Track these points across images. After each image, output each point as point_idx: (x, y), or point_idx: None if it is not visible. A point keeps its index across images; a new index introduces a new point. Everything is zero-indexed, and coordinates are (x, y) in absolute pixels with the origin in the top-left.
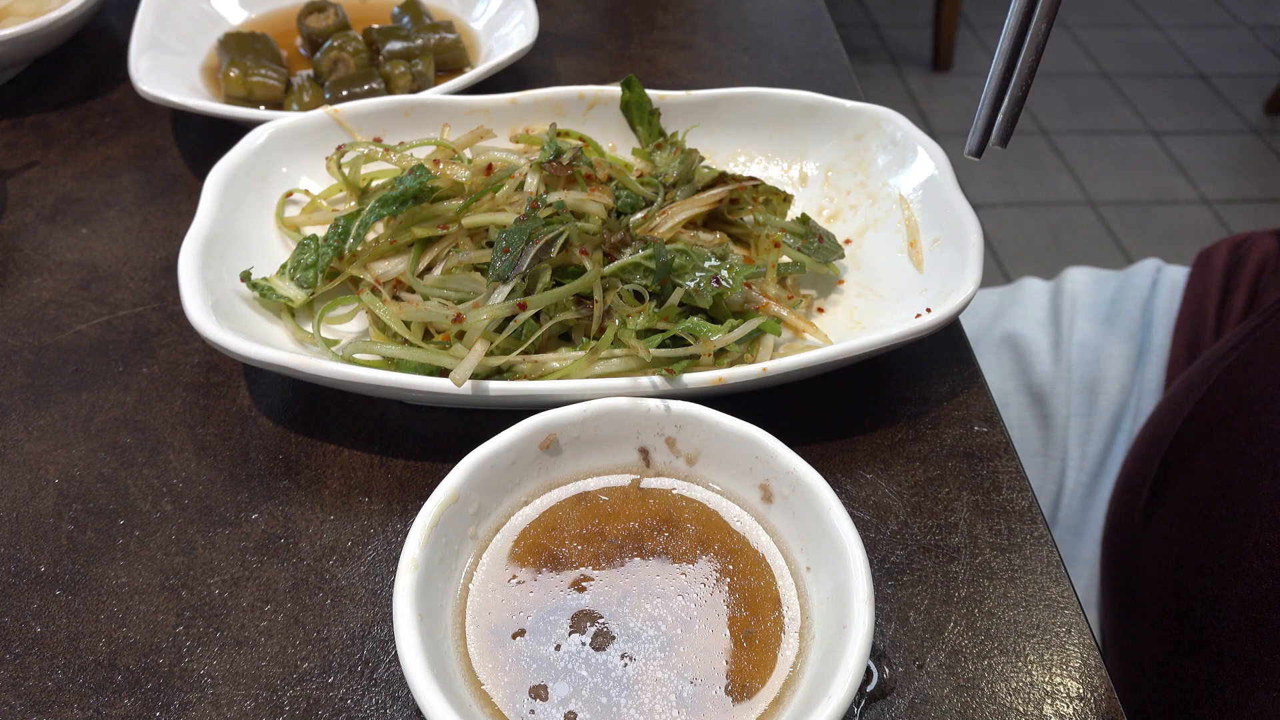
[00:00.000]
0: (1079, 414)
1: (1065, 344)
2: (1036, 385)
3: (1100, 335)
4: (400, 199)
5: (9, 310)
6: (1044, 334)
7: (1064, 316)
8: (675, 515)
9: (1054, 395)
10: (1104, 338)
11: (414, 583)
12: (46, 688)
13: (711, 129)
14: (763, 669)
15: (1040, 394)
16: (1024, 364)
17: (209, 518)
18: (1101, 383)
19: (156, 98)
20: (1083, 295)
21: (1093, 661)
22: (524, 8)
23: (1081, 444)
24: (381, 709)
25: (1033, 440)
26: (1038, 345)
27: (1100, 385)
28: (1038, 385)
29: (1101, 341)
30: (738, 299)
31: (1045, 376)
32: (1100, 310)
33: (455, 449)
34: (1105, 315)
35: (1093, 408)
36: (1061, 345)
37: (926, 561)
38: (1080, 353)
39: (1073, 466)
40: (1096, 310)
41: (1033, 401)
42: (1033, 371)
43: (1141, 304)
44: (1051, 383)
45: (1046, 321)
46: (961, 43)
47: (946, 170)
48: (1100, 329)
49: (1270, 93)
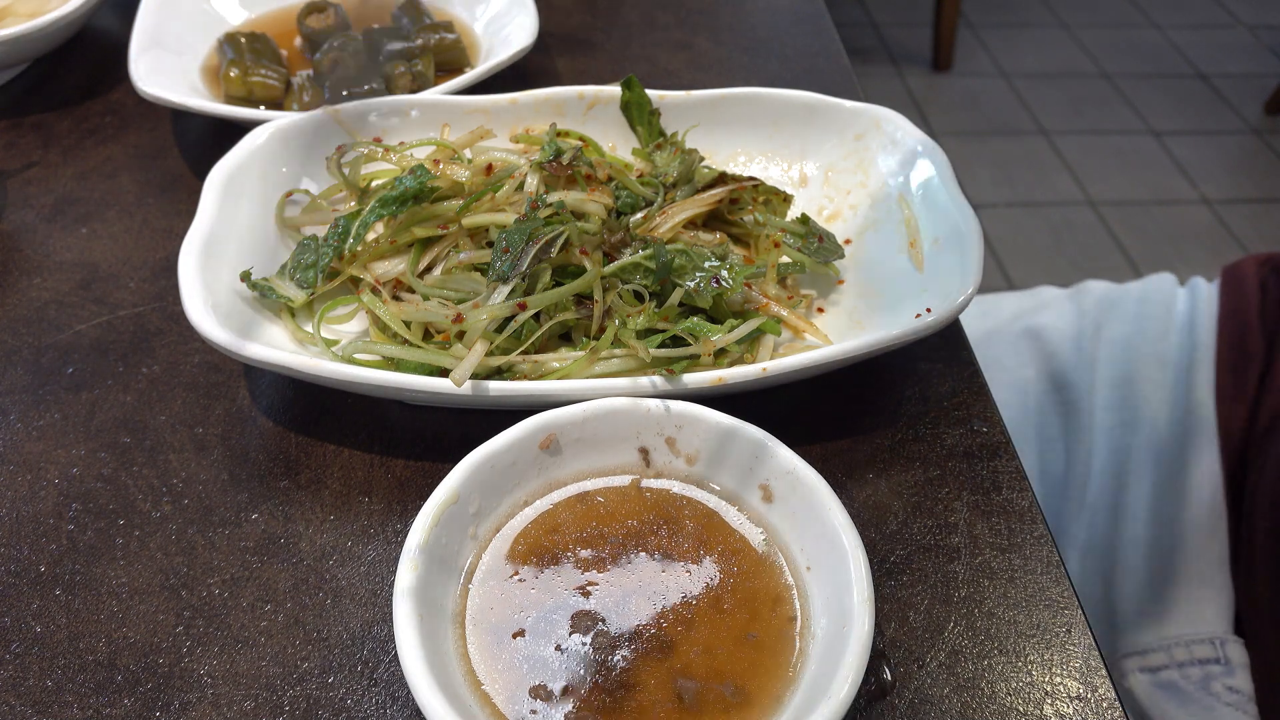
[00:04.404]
0: (1109, 407)
1: (1090, 339)
2: (1059, 373)
3: (1132, 336)
4: (400, 199)
5: (9, 310)
6: (1068, 327)
7: (1088, 316)
8: (675, 515)
9: (1078, 383)
10: (1136, 339)
11: (414, 583)
12: (46, 688)
13: (711, 129)
14: (763, 669)
15: (1062, 381)
16: (1046, 352)
17: (209, 518)
18: (1137, 384)
19: (156, 98)
20: (1104, 301)
21: (1093, 661)
22: (524, 8)
23: (1114, 436)
24: (381, 709)
25: (1051, 426)
26: (1061, 335)
27: (1136, 386)
28: (1060, 373)
29: (1134, 343)
30: (738, 299)
31: (1068, 364)
32: (1128, 311)
33: (455, 449)
34: (1134, 315)
35: (1128, 404)
36: (1084, 338)
37: (926, 561)
38: (1110, 350)
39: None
40: (1123, 312)
41: (1054, 388)
42: (1055, 359)
43: (1167, 313)
44: (1075, 370)
45: (1070, 319)
46: (961, 43)
47: (946, 170)
48: (1131, 329)
49: (1270, 93)
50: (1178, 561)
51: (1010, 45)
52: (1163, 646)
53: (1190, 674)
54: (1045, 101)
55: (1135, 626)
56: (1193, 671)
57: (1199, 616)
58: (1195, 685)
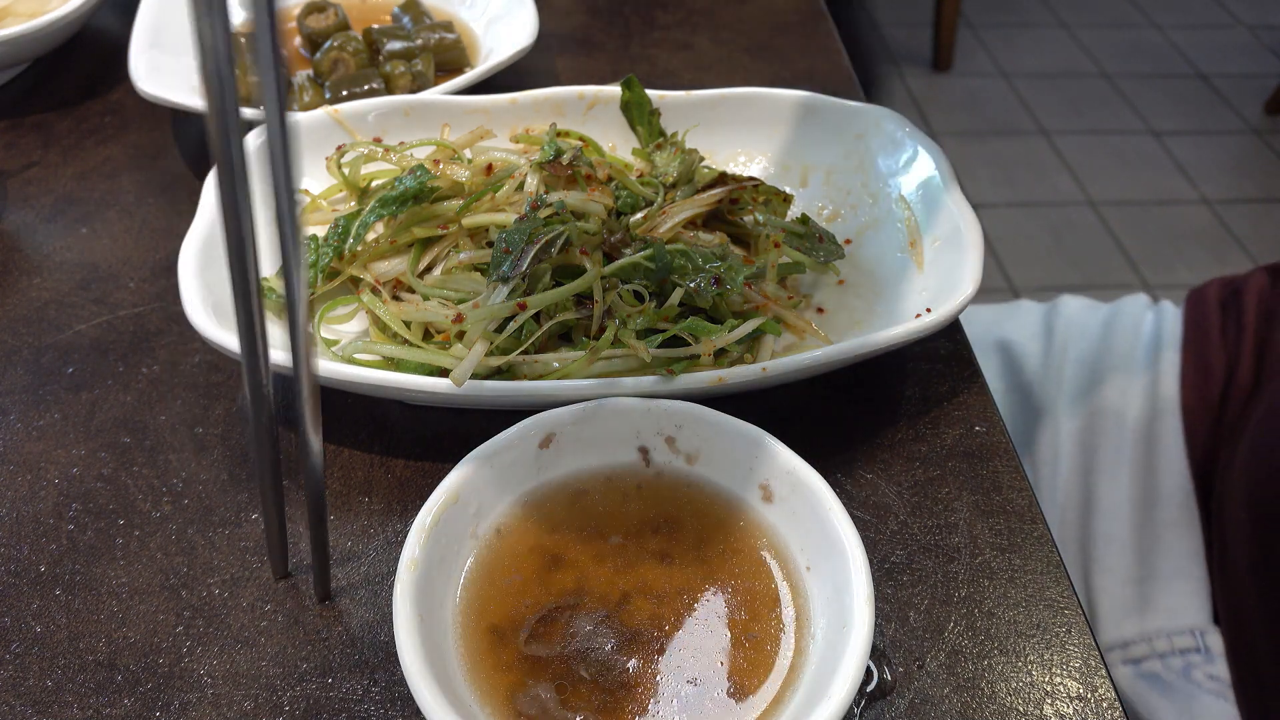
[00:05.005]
0: (1075, 414)
1: (1058, 354)
2: (1026, 385)
3: (1097, 352)
4: (400, 199)
5: (9, 310)
6: (1036, 343)
7: (1056, 334)
8: (675, 515)
9: (1044, 394)
10: (1102, 352)
11: (414, 583)
12: (46, 688)
13: (711, 129)
14: (762, 669)
15: (1029, 391)
16: (1014, 367)
17: (209, 518)
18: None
19: (156, 98)
20: (1076, 317)
21: (1093, 661)
22: (524, 8)
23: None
24: (381, 709)
25: (1018, 433)
26: (1028, 350)
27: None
28: (1027, 385)
29: (1100, 355)
30: (738, 299)
31: (1034, 377)
32: (1094, 330)
33: (455, 449)
34: (1099, 335)
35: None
36: (1053, 353)
37: (926, 561)
38: (1076, 368)
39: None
40: (1090, 330)
41: (1021, 397)
42: (1022, 373)
43: (1135, 329)
44: (1041, 383)
45: (1039, 334)
46: (961, 43)
47: (947, 170)
48: (1096, 347)
49: (1270, 93)
50: (1155, 559)
51: (1010, 45)
52: (1144, 638)
53: (1172, 664)
54: (1045, 101)
55: (1116, 622)
56: (1174, 661)
57: (1179, 609)
58: (1177, 675)
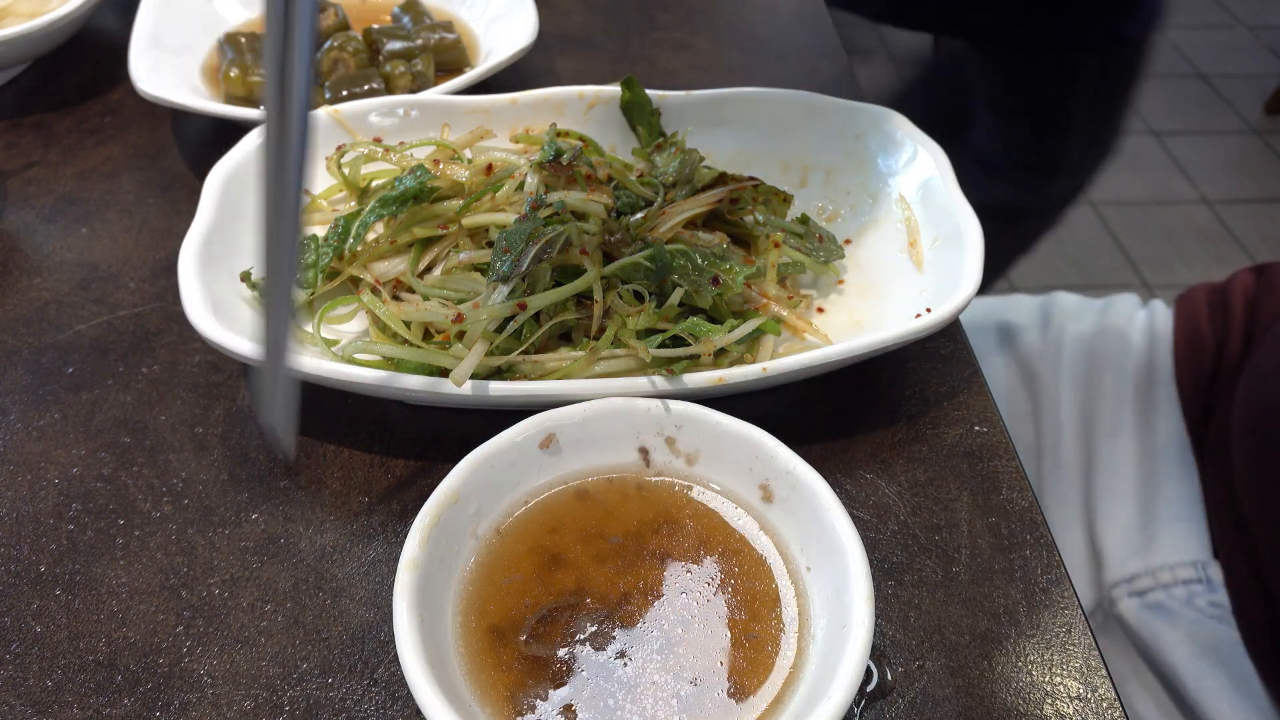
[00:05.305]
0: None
1: (1055, 332)
2: (1025, 359)
3: (1093, 330)
4: (400, 199)
5: (9, 310)
6: (1034, 325)
7: (1054, 319)
8: (675, 515)
9: (1044, 370)
10: (1097, 333)
11: (414, 583)
12: (46, 687)
13: (711, 129)
14: (763, 669)
15: (1028, 365)
16: (1014, 343)
17: (209, 518)
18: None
19: (156, 98)
20: (1071, 307)
21: (1093, 662)
22: (524, 8)
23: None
24: (381, 709)
25: (1020, 404)
26: (1026, 325)
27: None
28: (1026, 359)
29: (1095, 335)
30: (738, 299)
31: (1033, 350)
32: (1089, 317)
33: (455, 449)
34: (1095, 321)
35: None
36: (1050, 331)
37: (927, 561)
38: (1075, 344)
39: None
40: (1086, 317)
41: (1020, 370)
42: (1020, 346)
43: (1129, 321)
44: (1040, 358)
45: (1036, 320)
46: None
47: (947, 170)
48: (1092, 326)
49: (1270, 93)
50: (1157, 506)
51: None
52: (1149, 572)
53: (1175, 594)
54: None
55: (1121, 561)
56: (1178, 591)
57: (1181, 546)
58: (1180, 603)
